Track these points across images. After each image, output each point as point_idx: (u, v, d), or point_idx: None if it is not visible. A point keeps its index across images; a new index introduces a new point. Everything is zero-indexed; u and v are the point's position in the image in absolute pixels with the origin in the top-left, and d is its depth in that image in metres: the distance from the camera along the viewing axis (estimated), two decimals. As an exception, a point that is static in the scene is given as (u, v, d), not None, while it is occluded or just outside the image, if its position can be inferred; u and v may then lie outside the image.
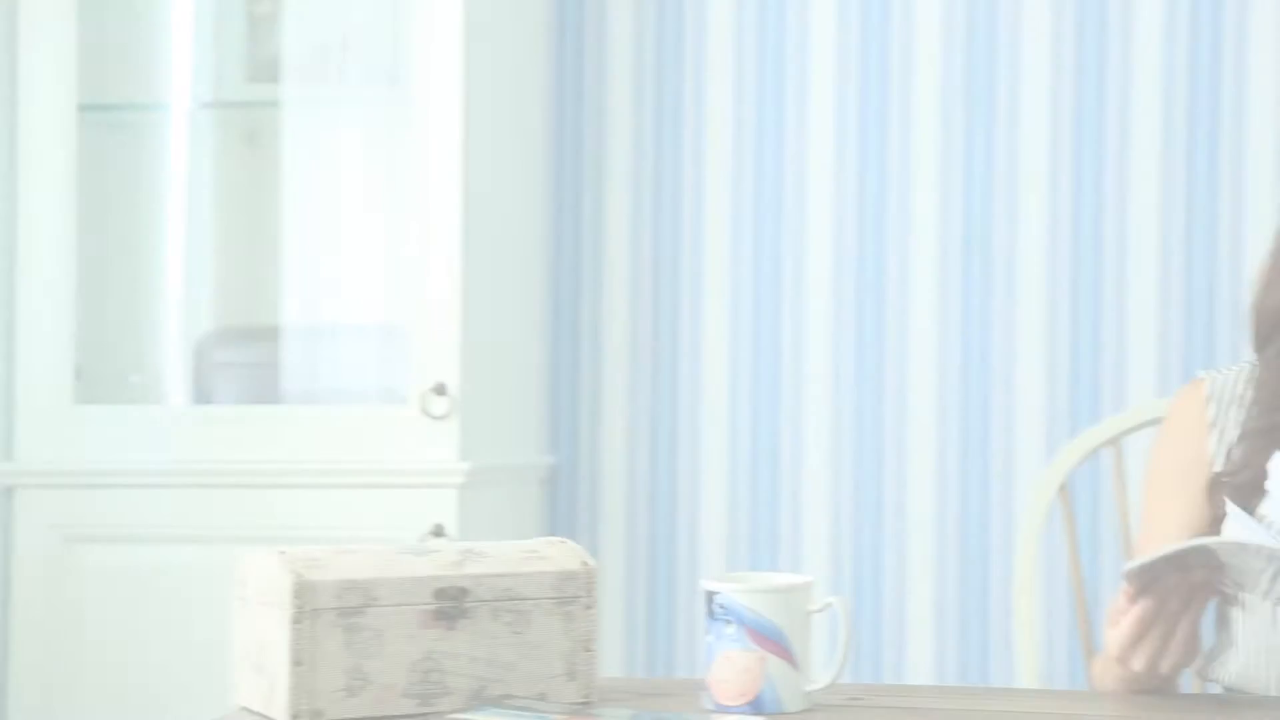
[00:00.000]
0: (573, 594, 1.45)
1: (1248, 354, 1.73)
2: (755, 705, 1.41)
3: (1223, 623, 1.73)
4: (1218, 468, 1.69)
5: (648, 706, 1.45)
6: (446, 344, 2.55)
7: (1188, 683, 1.68)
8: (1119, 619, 1.47)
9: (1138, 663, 1.46)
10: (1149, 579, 1.43)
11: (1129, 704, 1.54)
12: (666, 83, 2.75)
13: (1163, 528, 1.69)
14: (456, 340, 2.54)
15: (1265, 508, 1.47)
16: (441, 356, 2.55)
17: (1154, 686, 1.56)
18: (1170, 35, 2.54)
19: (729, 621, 1.41)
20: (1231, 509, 1.48)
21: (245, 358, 2.76)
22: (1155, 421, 2.01)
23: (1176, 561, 1.39)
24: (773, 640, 1.40)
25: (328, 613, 1.35)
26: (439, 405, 2.54)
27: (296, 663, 1.34)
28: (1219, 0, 2.52)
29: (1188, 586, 1.43)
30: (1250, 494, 1.65)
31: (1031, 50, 2.60)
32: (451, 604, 1.39)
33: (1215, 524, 1.65)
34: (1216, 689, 1.72)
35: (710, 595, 1.43)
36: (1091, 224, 2.57)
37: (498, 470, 2.65)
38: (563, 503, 2.79)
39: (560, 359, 2.79)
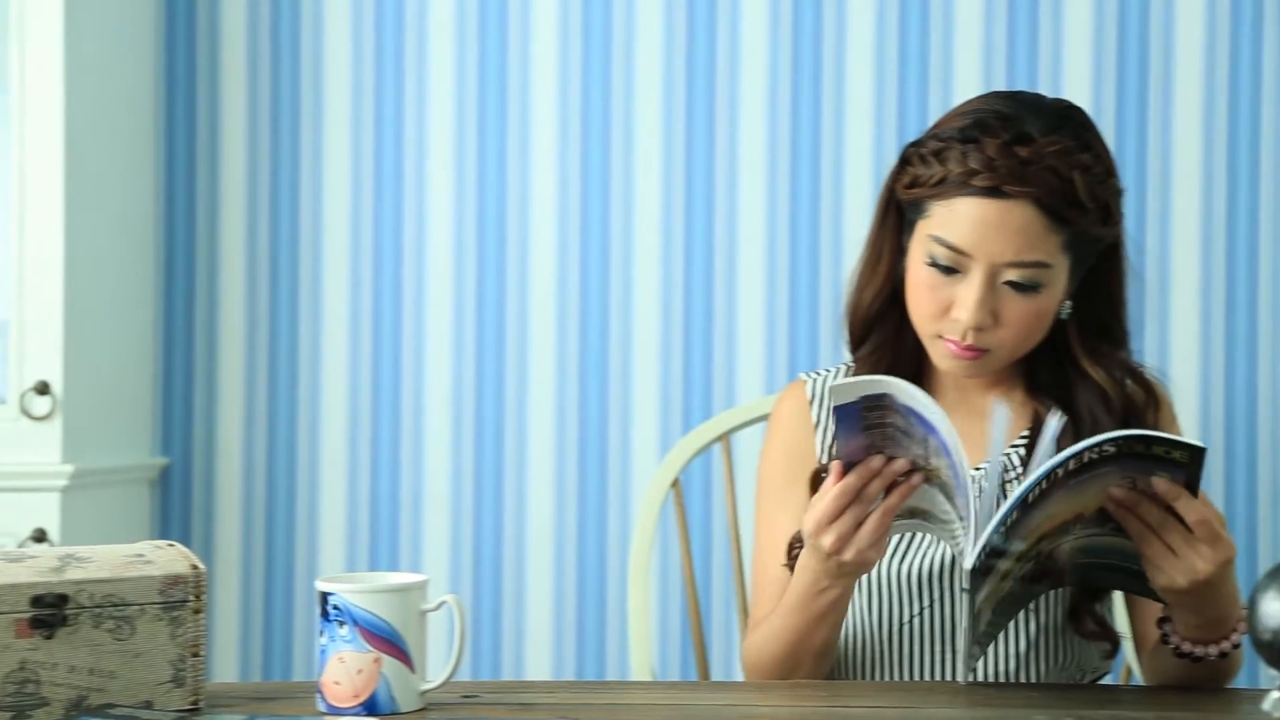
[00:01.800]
0: (180, 598, 1.41)
1: (847, 355, 1.81)
2: (369, 706, 1.40)
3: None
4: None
5: (260, 711, 1.43)
6: (48, 342, 2.45)
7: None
8: (820, 501, 1.50)
9: (827, 539, 1.49)
10: (857, 452, 1.46)
11: (734, 692, 1.59)
12: (282, 76, 2.70)
13: (781, 527, 1.75)
14: (59, 338, 2.45)
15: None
16: (43, 355, 2.45)
17: (826, 613, 1.59)
18: (775, 47, 2.64)
19: (342, 622, 1.39)
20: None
21: None
22: (763, 418, 2.08)
23: (881, 411, 1.43)
24: (387, 640, 1.40)
25: (-87, 624, 1.28)
26: (40, 405, 2.44)
27: (-122, 678, 1.27)
28: (820, 11, 2.63)
29: (890, 474, 1.48)
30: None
31: (646, 56, 2.65)
32: (50, 611, 1.34)
33: None
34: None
35: (324, 596, 1.41)
36: (703, 227, 2.65)
37: (104, 472, 2.56)
38: (175, 504, 2.71)
39: (173, 357, 2.71)
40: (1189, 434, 2.50)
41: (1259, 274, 2.57)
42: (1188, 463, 1.40)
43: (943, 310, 1.65)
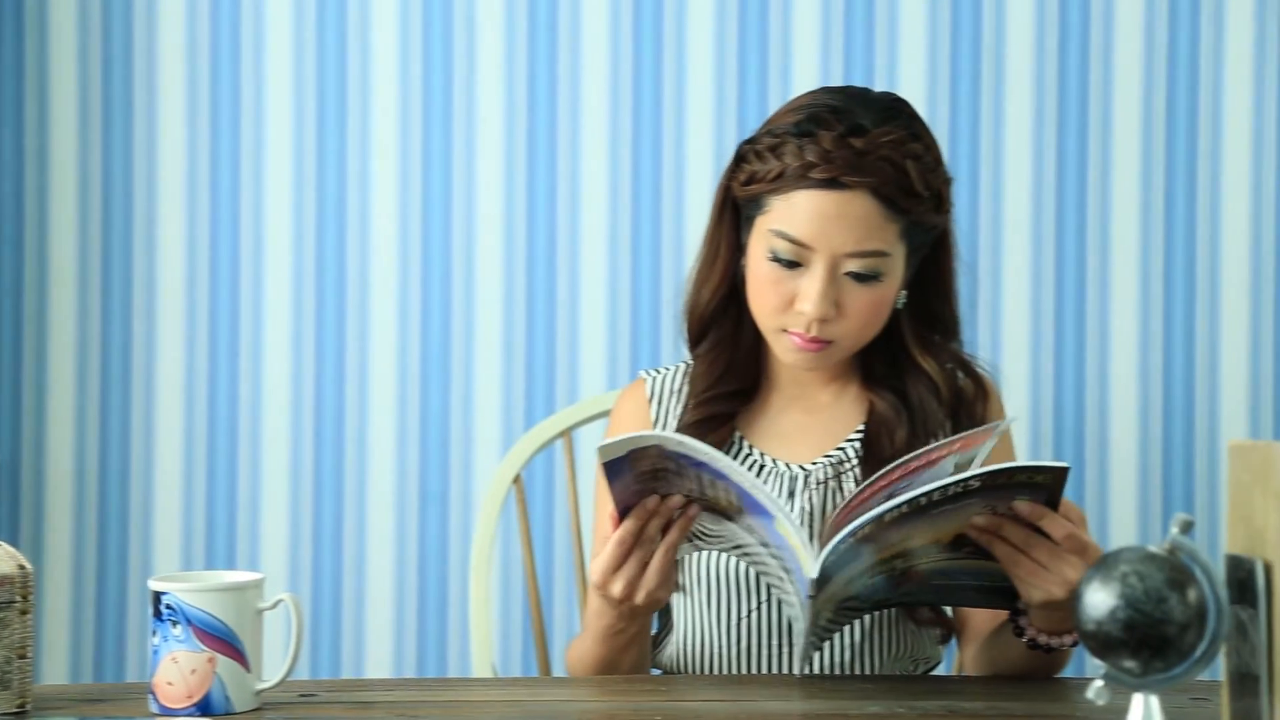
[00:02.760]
0: (7, 599, 1.37)
1: (688, 353, 1.83)
2: (203, 707, 1.38)
3: (664, 610, 1.82)
4: (662, 462, 1.77)
5: (90, 713, 1.40)
6: None
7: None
8: (602, 547, 1.50)
9: (616, 587, 1.49)
10: (630, 496, 1.46)
11: (572, 688, 1.60)
12: (114, 66, 2.65)
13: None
14: (-118, 331, 2.38)
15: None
16: None
17: (626, 647, 1.60)
18: (616, 45, 2.64)
19: (175, 622, 1.37)
20: None
21: None
22: (605, 414, 2.09)
23: (641, 454, 1.42)
24: (221, 639, 1.38)
25: None
26: None
27: None
28: (660, 9, 2.64)
29: (667, 511, 1.48)
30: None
31: (487, 52, 2.65)
32: None
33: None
34: (658, 672, 1.80)
35: (157, 595, 1.39)
36: (545, 224, 2.65)
37: (-70, 470, 2.50)
38: (3, 503, 2.65)
39: (0, 351, 2.65)
40: (1018, 424, 2.55)
41: (1086, 269, 2.63)
42: (1049, 484, 1.42)
43: (786, 304, 1.67)
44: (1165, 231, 2.64)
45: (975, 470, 1.38)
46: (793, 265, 1.66)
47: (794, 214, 1.64)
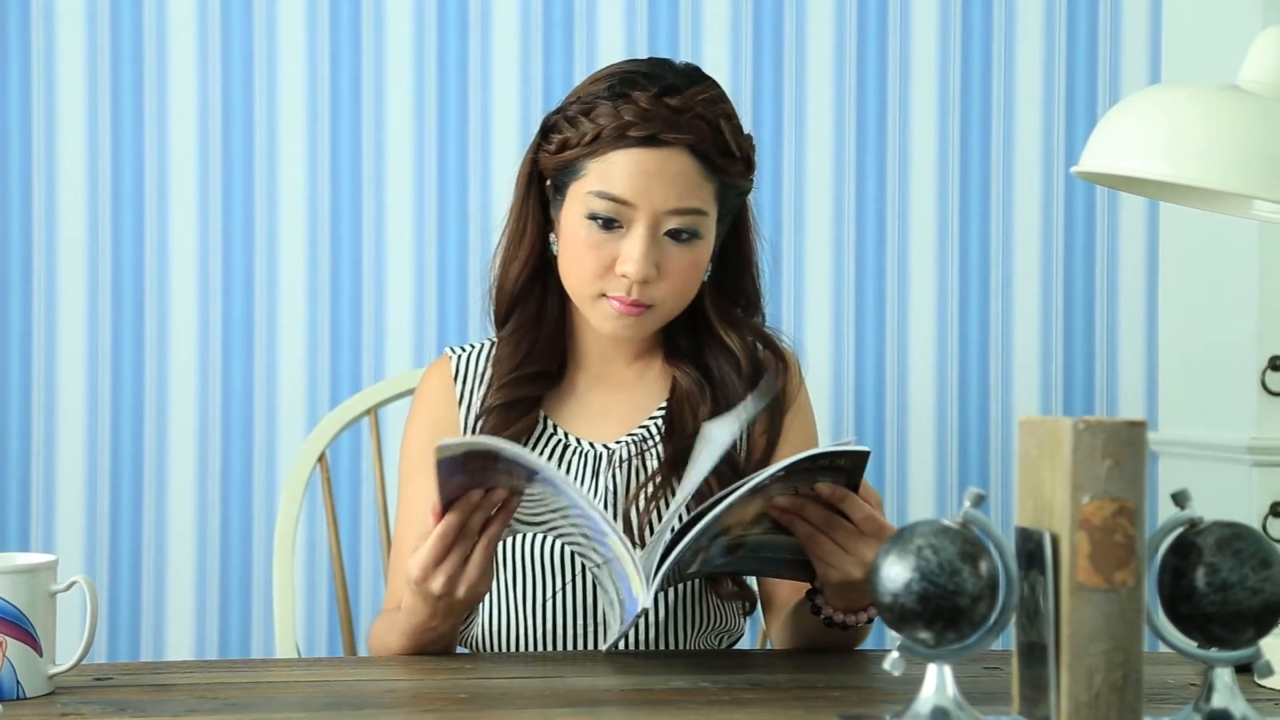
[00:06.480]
0: None
1: (495, 331, 1.82)
2: (-8, 692, 1.35)
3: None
4: (467, 441, 1.76)
5: (-128, 702, 1.36)
6: None
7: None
8: (410, 538, 1.48)
9: (436, 582, 1.48)
10: (456, 490, 1.45)
11: (376, 667, 1.59)
12: (11, 63, 2.56)
13: (422, 504, 1.74)
14: None
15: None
16: None
17: (436, 642, 1.59)
18: (420, 20, 2.63)
19: (-37, 607, 1.34)
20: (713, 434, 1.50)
21: None
22: (411, 391, 2.08)
23: (483, 458, 1.40)
24: (11, 623, 1.35)
25: None
26: None
27: None
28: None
29: (490, 504, 1.46)
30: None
31: (288, 28, 2.61)
32: None
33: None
34: (464, 650, 1.80)
35: (-57, 580, 1.35)
36: (350, 200, 2.62)
37: None
38: None
39: None
40: (820, 400, 2.60)
41: (886, 249, 2.68)
42: (850, 468, 1.43)
43: (606, 268, 1.67)
44: (960, 213, 2.70)
45: (784, 462, 1.39)
46: (612, 226, 1.66)
47: (612, 174, 1.65)
